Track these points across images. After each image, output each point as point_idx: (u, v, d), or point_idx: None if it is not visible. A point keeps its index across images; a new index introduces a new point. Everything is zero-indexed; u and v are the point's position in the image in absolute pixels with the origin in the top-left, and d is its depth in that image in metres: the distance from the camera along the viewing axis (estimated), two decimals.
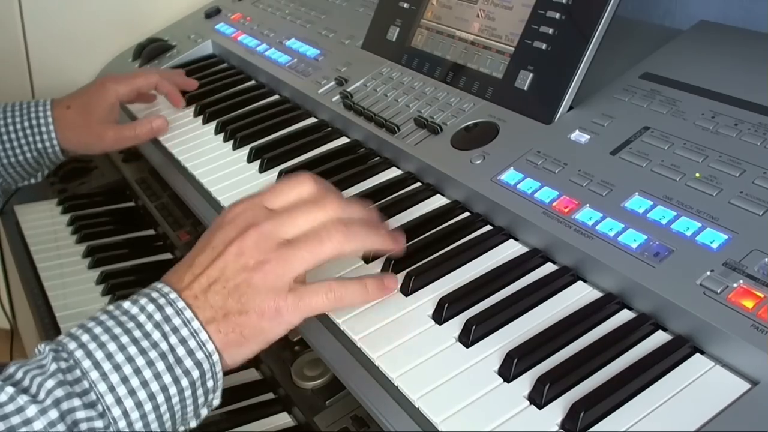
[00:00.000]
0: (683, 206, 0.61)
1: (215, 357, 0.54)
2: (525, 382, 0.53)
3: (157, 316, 0.54)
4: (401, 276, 0.65)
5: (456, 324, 0.60)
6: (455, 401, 0.53)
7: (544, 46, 0.78)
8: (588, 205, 0.64)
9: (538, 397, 0.51)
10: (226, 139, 0.97)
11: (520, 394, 0.53)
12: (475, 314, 0.59)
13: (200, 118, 1.05)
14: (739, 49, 0.78)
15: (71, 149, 1.00)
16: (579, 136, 0.72)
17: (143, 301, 0.55)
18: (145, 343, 0.53)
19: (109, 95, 1.00)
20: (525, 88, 0.78)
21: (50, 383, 0.50)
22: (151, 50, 1.31)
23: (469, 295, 0.62)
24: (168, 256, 1.15)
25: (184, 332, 0.54)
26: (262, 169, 0.88)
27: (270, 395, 0.86)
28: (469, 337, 0.57)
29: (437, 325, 0.60)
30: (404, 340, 0.59)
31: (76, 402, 0.50)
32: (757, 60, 0.75)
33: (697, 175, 0.63)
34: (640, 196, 0.63)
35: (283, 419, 0.82)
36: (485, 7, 0.86)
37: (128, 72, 1.27)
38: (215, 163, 0.93)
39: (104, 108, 1.00)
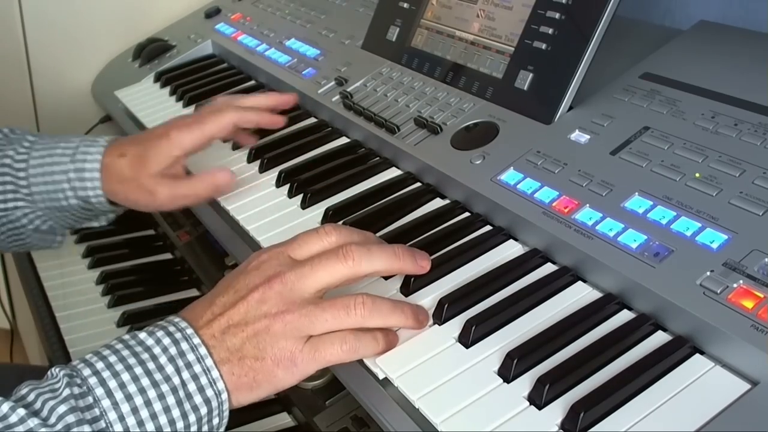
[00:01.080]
0: (683, 206, 0.61)
1: (224, 396, 0.55)
2: (525, 382, 0.53)
3: (173, 350, 0.54)
4: (401, 276, 0.65)
5: (456, 324, 0.60)
6: (455, 402, 0.53)
7: (544, 46, 0.78)
8: (588, 205, 0.64)
9: (538, 398, 0.51)
10: (225, 139, 0.97)
11: (520, 394, 0.53)
12: (475, 314, 0.59)
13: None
14: (739, 49, 0.78)
15: (120, 203, 0.84)
16: (579, 136, 0.72)
17: (159, 333, 0.55)
18: (158, 376, 0.53)
19: (173, 148, 0.81)
20: (525, 88, 0.78)
21: (62, 408, 0.50)
22: (151, 50, 1.31)
23: (469, 295, 0.62)
24: (168, 256, 1.15)
25: (197, 368, 0.54)
26: (262, 169, 0.88)
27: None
28: (469, 337, 0.57)
29: (437, 325, 0.60)
30: (404, 340, 0.59)
31: (86, 429, 0.50)
32: (757, 60, 0.75)
33: (697, 175, 0.63)
34: (640, 196, 0.63)
35: (283, 419, 0.82)
36: (485, 7, 0.86)
37: (128, 74, 1.27)
38: (215, 163, 0.93)
39: (165, 162, 0.80)
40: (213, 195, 0.83)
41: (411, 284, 0.64)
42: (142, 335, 0.56)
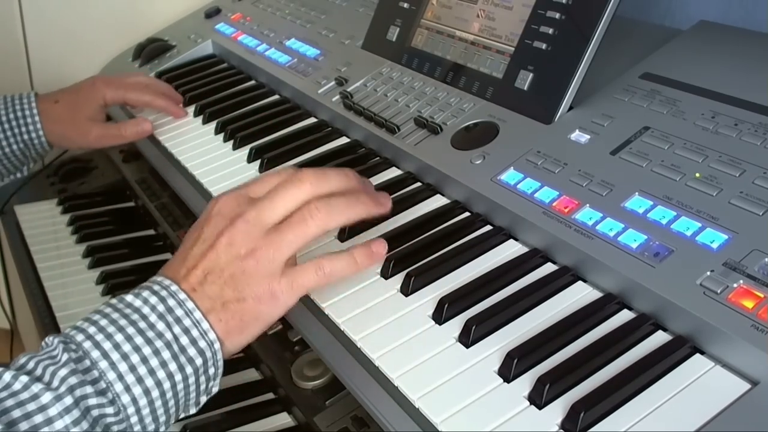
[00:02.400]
0: (683, 206, 0.61)
1: (216, 345, 0.56)
2: (525, 382, 0.53)
3: (161, 308, 0.56)
4: (401, 276, 0.65)
5: (456, 324, 0.60)
6: (455, 401, 0.53)
7: (544, 46, 0.78)
8: (588, 205, 0.64)
9: (538, 398, 0.51)
10: (226, 139, 0.97)
11: (520, 394, 0.53)
12: (475, 314, 0.59)
13: (200, 118, 1.05)
14: (739, 49, 0.78)
15: (56, 143, 1.03)
16: (579, 136, 0.72)
17: (146, 293, 0.57)
18: (150, 333, 0.55)
19: (97, 97, 1.03)
20: (525, 88, 0.78)
21: (63, 371, 0.52)
22: (151, 50, 1.31)
23: (469, 295, 0.62)
24: (168, 256, 1.15)
25: (187, 322, 0.56)
26: (262, 169, 0.88)
27: (270, 395, 0.86)
28: (469, 337, 0.57)
29: (437, 325, 0.60)
30: (404, 340, 0.59)
31: (88, 389, 0.52)
32: (757, 60, 0.75)
33: (697, 175, 0.63)
34: (640, 196, 0.63)
35: (283, 419, 0.82)
36: (485, 7, 0.86)
37: (128, 72, 1.27)
38: (215, 163, 0.93)
39: (92, 108, 1.02)
40: (137, 138, 1.03)
41: (411, 284, 0.64)
42: (129, 297, 0.57)
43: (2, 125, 0.99)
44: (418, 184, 0.80)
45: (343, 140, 0.92)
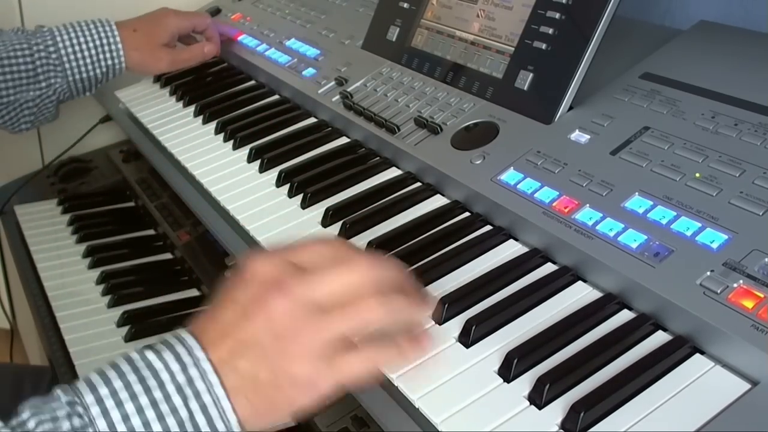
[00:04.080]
0: (683, 206, 0.61)
1: (236, 429, 0.50)
2: (525, 382, 0.53)
3: (180, 378, 0.50)
4: None
5: (456, 324, 0.60)
6: (455, 401, 0.53)
7: (544, 46, 0.78)
8: (588, 205, 0.64)
9: (538, 398, 0.51)
10: (226, 139, 0.97)
11: (520, 394, 0.53)
12: (475, 314, 0.59)
13: (200, 118, 1.05)
14: (739, 49, 0.78)
15: (134, 69, 1.11)
16: (579, 136, 0.72)
17: (168, 356, 0.51)
18: (164, 407, 0.49)
19: (170, 25, 1.13)
20: (525, 88, 0.78)
21: None
22: None
23: (469, 295, 0.62)
24: (168, 256, 1.15)
25: (206, 399, 0.49)
26: (262, 169, 0.88)
27: None
28: (469, 337, 0.57)
29: (437, 325, 0.60)
30: None
31: None
32: (757, 60, 0.75)
33: (697, 175, 0.63)
34: (640, 196, 0.63)
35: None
36: (485, 7, 0.86)
37: (128, 75, 1.27)
38: (215, 163, 0.93)
39: (166, 35, 1.12)
40: (203, 59, 1.16)
41: None
42: (151, 356, 0.51)
43: (89, 51, 1.07)
44: (418, 184, 0.80)
45: (343, 140, 0.92)
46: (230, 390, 0.50)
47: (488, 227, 0.71)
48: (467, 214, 0.74)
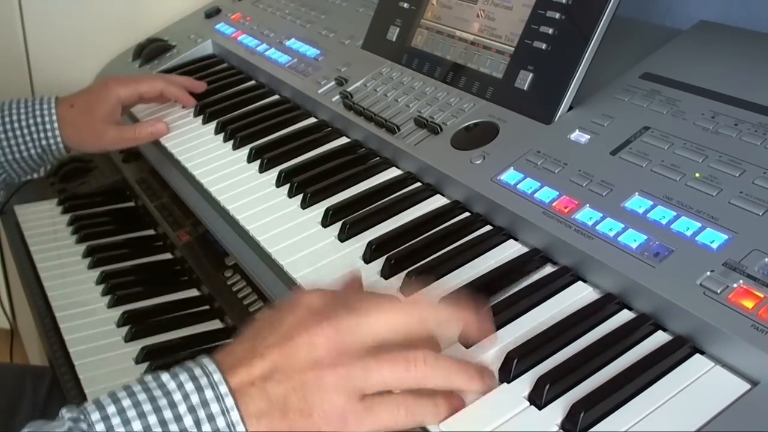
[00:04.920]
0: (683, 206, 0.61)
1: None
2: (525, 382, 0.53)
3: (194, 399, 0.47)
4: (400, 276, 0.65)
5: None
6: None
7: (544, 46, 0.78)
8: (588, 205, 0.64)
9: (538, 398, 0.51)
10: (226, 139, 0.97)
11: (520, 394, 0.53)
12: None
13: (200, 118, 1.05)
14: (739, 49, 0.78)
15: (73, 147, 1.03)
16: (579, 136, 0.72)
17: (183, 377, 0.48)
18: (174, 428, 0.46)
19: (111, 96, 1.02)
20: (525, 88, 0.78)
21: None
22: (151, 50, 1.31)
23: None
24: (168, 256, 1.15)
25: (221, 423, 0.47)
26: (262, 169, 0.88)
27: None
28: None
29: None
30: None
31: None
32: (757, 60, 0.75)
33: (697, 175, 0.63)
34: (640, 196, 0.63)
35: None
36: (485, 7, 0.86)
37: (129, 72, 1.28)
38: (215, 163, 0.93)
39: (106, 108, 1.01)
40: (151, 139, 1.03)
41: (411, 284, 0.64)
42: (165, 377, 0.49)
43: (21, 130, 0.98)
44: (418, 184, 0.80)
45: (343, 140, 0.92)
46: (255, 415, 0.48)
47: (488, 227, 0.71)
48: (467, 214, 0.73)
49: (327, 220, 0.76)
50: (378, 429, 0.50)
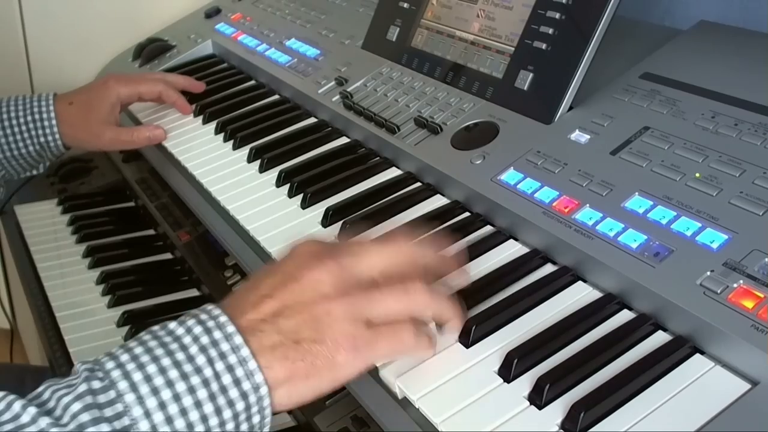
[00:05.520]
0: (683, 206, 0.61)
1: (263, 390, 0.49)
2: (525, 382, 0.53)
3: (204, 340, 0.49)
4: None
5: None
6: (455, 402, 0.53)
7: (544, 46, 0.78)
8: (588, 205, 0.64)
9: (538, 398, 0.51)
10: (226, 139, 0.97)
11: (520, 394, 0.53)
12: (475, 314, 0.59)
13: (200, 118, 1.05)
14: (739, 49, 0.78)
15: (71, 144, 1.02)
16: (579, 136, 0.72)
17: (190, 322, 0.50)
18: (188, 367, 0.48)
19: (110, 95, 1.01)
20: (525, 88, 0.78)
21: (76, 406, 0.46)
22: (151, 50, 1.31)
23: (469, 295, 0.62)
24: (168, 256, 1.15)
25: (232, 359, 0.49)
26: (262, 169, 0.88)
27: None
28: (469, 337, 0.57)
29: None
30: None
31: (105, 428, 0.45)
32: (757, 60, 0.75)
33: (697, 175, 0.63)
34: (640, 196, 0.63)
35: (284, 419, 0.82)
36: (485, 7, 0.86)
37: (129, 72, 1.28)
38: (215, 163, 0.93)
39: (105, 107, 1.01)
40: (147, 144, 1.02)
41: None
42: (172, 325, 0.50)
43: (20, 126, 0.98)
44: (418, 184, 0.80)
45: (343, 140, 0.92)
46: (269, 347, 0.50)
47: (488, 227, 0.71)
48: (467, 214, 0.73)
49: (327, 220, 0.76)
50: (383, 357, 0.54)
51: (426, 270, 0.57)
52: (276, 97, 1.07)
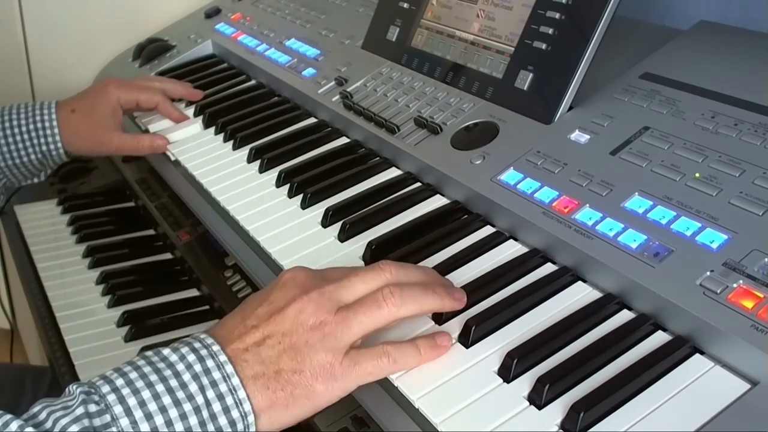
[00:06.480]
0: (683, 206, 0.61)
1: (250, 418, 0.52)
2: (525, 382, 0.53)
3: (197, 368, 0.52)
4: None
5: (456, 324, 0.59)
6: (455, 402, 0.53)
7: (544, 46, 0.78)
8: (588, 205, 0.64)
9: (538, 398, 0.51)
10: (226, 140, 0.97)
11: (519, 394, 0.53)
12: (474, 314, 0.59)
13: (200, 119, 1.05)
14: (739, 49, 0.78)
15: (74, 152, 1.02)
16: (579, 136, 0.72)
17: (184, 350, 0.53)
18: (180, 394, 0.51)
19: (111, 100, 1.01)
20: (525, 88, 0.78)
21: (74, 428, 0.48)
22: (151, 50, 1.31)
23: (469, 295, 0.62)
24: (168, 256, 1.15)
25: (223, 388, 0.52)
26: (262, 169, 0.88)
27: None
28: (468, 337, 0.57)
29: (437, 325, 0.60)
30: (404, 341, 0.59)
31: None
32: (757, 60, 0.75)
33: (697, 175, 0.63)
34: (640, 196, 0.63)
35: None
36: (485, 7, 0.86)
37: (129, 73, 1.28)
38: (215, 163, 0.93)
39: (107, 112, 1.01)
40: (151, 152, 1.02)
41: None
42: (166, 351, 0.53)
43: (21, 135, 0.98)
44: (418, 184, 0.80)
45: (343, 140, 0.92)
46: (251, 377, 0.52)
47: (488, 227, 0.71)
48: (467, 214, 0.73)
49: (327, 220, 0.76)
50: (365, 378, 0.55)
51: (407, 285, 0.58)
52: (276, 97, 1.07)
